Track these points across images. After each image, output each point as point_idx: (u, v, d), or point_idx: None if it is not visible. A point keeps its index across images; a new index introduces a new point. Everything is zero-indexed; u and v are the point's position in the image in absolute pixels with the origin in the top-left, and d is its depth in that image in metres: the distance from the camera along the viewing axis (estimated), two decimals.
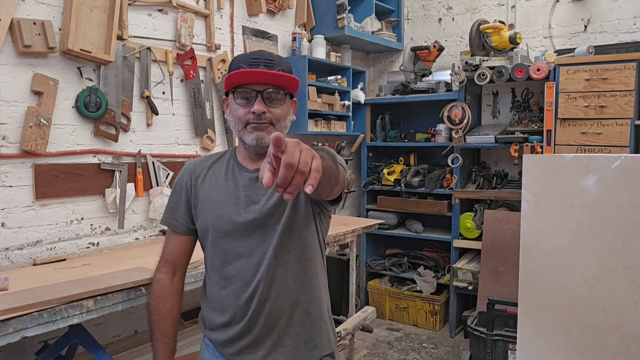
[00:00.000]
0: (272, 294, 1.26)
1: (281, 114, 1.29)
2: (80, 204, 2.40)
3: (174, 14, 2.79)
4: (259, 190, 1.30)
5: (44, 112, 2.21)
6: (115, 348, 2.42)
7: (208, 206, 1.33)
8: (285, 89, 1.29)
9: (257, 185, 1.31)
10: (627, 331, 2.12)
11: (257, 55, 1.28)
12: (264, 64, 1.26)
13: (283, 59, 1.33)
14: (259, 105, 1.24)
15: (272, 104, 1.26)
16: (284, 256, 1.27)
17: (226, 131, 3.13)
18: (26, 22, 2.12)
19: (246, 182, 1.32)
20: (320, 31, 3.73)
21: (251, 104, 1.25)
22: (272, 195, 1.29)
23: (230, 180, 1.34)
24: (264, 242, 1.27)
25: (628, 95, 2.92)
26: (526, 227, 2.38)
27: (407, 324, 3.95)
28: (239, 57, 1.31)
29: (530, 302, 2.35)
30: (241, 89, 1.26)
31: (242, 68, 1.26)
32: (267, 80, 1.24)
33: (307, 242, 1.30)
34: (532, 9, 3.76)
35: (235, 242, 1.29)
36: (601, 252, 2.18)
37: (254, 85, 1.25)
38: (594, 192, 2.20)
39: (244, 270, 1.28)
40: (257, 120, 1.25)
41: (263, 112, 1.25)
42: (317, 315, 1.32)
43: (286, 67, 1.30)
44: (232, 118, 1.30)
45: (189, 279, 1.96)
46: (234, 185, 1.33)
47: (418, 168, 4.00)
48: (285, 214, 1.27)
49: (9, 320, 1.44)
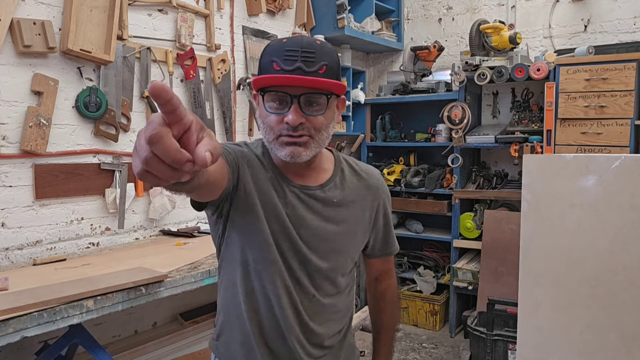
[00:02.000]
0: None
1: (323, 123, 1.03)
2: (80, 204, 2.40)
3: (174, 14, 2.79)
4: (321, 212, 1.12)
5: (44, 112, 2.21)
6: (115, 348, 2.42)
7: (255, 214, 1.08)
8: (329, 94, 1.03)
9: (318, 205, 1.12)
10: (627, 331, 2.12)
11: (294, 46, 0.99)
12: (302, 58, 0.98)
13: (327, 48, 1.04)
14: (294, 115, 0.99)
15: (312, 111, 1.01)
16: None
17: (226, 131, 3.13)
18: (26, 22, 2.12)
19: (294, 201, 1.10)
20: (320, 31, 3.73)
21: (285, 111, 1.00)
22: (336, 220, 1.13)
23: (274, 192, 1.09)
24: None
25: (628, 95, 2.92)
26: (526, 227, 2.38)
27: (407, 324, 3.95)
28: (272, 47, 1.03)
29: (530, 302, 2.35)
30: (272, 91, 1.00)
31: (274, 63, 0.99)
32: (305, 83, 0.98)
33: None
34: (532, 9, 3.76)
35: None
36: (601, 252, 2.17)
37: (288, 87, 0.99)
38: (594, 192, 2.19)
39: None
40: (292, 132, 1.01)
41: (300, 123, 1.00)
42: None
43: (331, 61, 1.02)
44: (262, 124, 1.05)
45: (189, 279, 1.96)
46: (283, 202, 1.10)
47: (418, 168, 4.00)
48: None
49: (9, 320, 1.44)
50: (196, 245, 2.43)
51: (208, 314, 2.81)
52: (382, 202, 1.23)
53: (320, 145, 1.06)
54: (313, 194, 1.12)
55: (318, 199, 1.12)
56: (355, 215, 1.17)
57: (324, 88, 1.00)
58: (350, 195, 1.17)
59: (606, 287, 2.16)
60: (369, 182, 1.21)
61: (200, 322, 2.73)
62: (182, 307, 2.83)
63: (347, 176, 1.18)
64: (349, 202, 1.16)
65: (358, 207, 1.18)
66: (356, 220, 1.18)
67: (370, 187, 1.21)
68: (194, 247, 2.40)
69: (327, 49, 1.03)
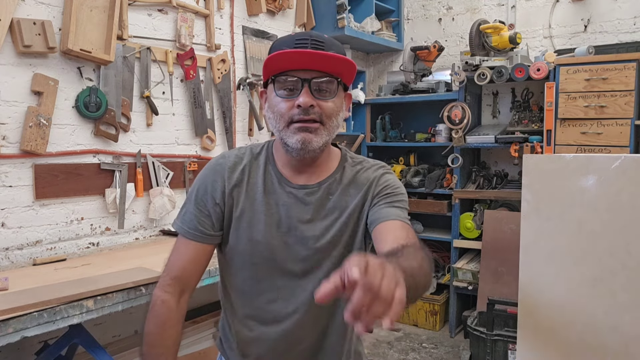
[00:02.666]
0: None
1: (333, 109, 1.06)
2: (80, 204, 2.40)
3: (174, 14, 2.79)
4: (307, 216, 1.11)
5: (44, 112, 2.21)
6: (115, 348, 2.42)
7: (244, 224, 1.12)
8: (339, 78, 1.06)
9: (305, 208, 1.11)
10: (627, 331, 2.11)
11: (304, 36, 1.03)
12: (312, 45, 1.01)
13: (335, 41, 1.07)
14: (306, 97, 1.01)
15: (323, 96, 1.04)
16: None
17: (226, 131, 3.13)
18: (26, 22, 2.12)
19: (290, 201, 1.12)
20: (320, 31, 3.66)
21: (296, 96, 1.02)
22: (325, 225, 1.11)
23: (271, 195, 1.12)
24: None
25: (628, 95, 2.92)
26: (526, 227, 2.38)
27: (407, 324, 3.95)
28: (280, 40, 1.07)
29: (530, 302, 2.35)
30: (283, 77, 1.03)
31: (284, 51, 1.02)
32: (316, 65, 1.01)
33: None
34: (532, 9, 3.76)
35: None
36: (601, 252, 2.17)
37: (299, 72, 1.01)
38: (594, 192, 2.19)
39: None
40: (303, 115, 1.02)
41: (311, 106, 1.02)
42: None
43: (338, 51, 1.06)
44: (272, 114, 1.07)
45: None
46: (274, 203, 1.12)
47: (418, 168, 4.00)
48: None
49: (9, 320, 1.43)
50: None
51: (208, 314, 2.81)
52: (375, 191, 1.14)
53: (330, 133, 1.07)
54: (310, 191, 1.13)
55: (314, 195, 1.12)
56: (351, 209, 1.14)
57: (334, 70, 1.03)
58: (347, 191, 1.15)
59: (606, 287, 2.16)
60: (367, 175, 1.17)
61: (200, 322, 2.73)
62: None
63: (347, 173, 1.17)
64: (345, 197, 1.14)
65: (355, 201, 1.15)
66: (351, 214, 1.14)
67: (367, 181, 1.16)
68: None
69: (335, 42, 1.07)
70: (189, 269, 1.13)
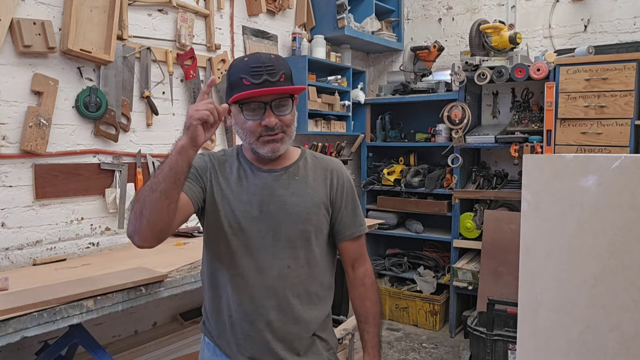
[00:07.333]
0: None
1: (291, 119, 1.31)
2: (80, 204, 2.40)
3: (174, 14, 2.79)
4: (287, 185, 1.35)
5: (44, 112, 2.21)
6: (115, 348, 2.42)
7: (223, 200, 1.33)
8: (292, 95, 1.30)
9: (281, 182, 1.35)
10: (627, 331, 2.11)
11: (257, 62, 1.25)
12: (267, 71, 1.24)
13: (281, 59, 1.31)
14: (270, 118, 1.25)
15: (282, 112, 1.27)
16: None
17: (226, 131, 3.13)
18: (26, 22, 2.12)
19: (269, 180, 1.34)
20: (320, 31, 3.73)
21: (260, 117, 1.25)
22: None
23: (244, 179, 1.35)
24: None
25: (628, 95, 2.92)
26: (526, 227, 2.37)
27: (407, 324, 3.95)
28: (238, 66, 1.28)
29: (530, 302, 2.35)
30: (248, 103, 1.26)
31: (244, 79, 1.24)
32: (274, 93, 1.25)
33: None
34: (532, 9, 3.76)
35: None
36: (601, 252, 2.17)
37: (262, 97, 1.24)
38: (594, 192, 2.19)
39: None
40: (270, 132, 1.26)
41: (276, 123, 1.26)
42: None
43: (287, 70, 1.29)
44: (242, 130, 1.30)
45: (189, 279, 1.96)
46: (248, 184, 1.34)
47: (418, 168, 4.00)
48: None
49: (9, 320, 1.44)
50: (196, 245, 2.43)
51: None
52: (340, 182, 1.41)
53: (292, 137, 1.33)
54: (278, 174, 1.35)
55: (282, 176, 1.35)
56: (315, 188, 1.37)
57: (288, 92, 1.27)
58: (310, 175, 1.38)
59: (606, 287, 2.16)
60: (328, 166, 1.42)
61: (199, 323, 2.73)
62: (182, 307, 2.83)
63: (309, 161, 1.41)
64: (309, 179, 1.37)
65: (318, 183, 1.38)
66: (316, 192, 1.37)
67: (328, 169, 1.41)
68: (194, 247, 2.40)
69: (282, 60, 1.29)
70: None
